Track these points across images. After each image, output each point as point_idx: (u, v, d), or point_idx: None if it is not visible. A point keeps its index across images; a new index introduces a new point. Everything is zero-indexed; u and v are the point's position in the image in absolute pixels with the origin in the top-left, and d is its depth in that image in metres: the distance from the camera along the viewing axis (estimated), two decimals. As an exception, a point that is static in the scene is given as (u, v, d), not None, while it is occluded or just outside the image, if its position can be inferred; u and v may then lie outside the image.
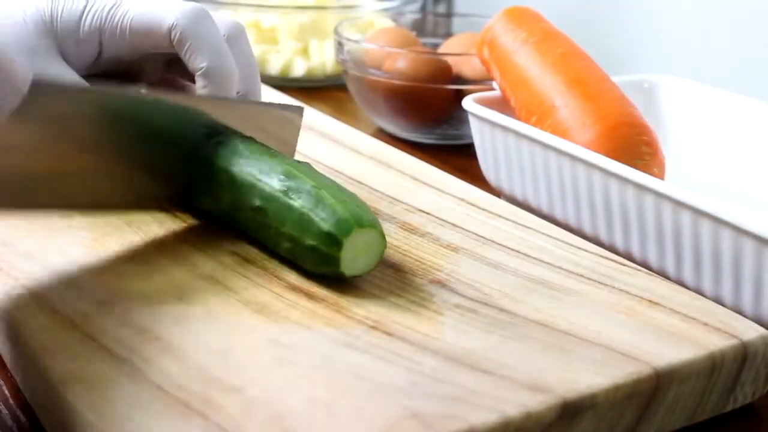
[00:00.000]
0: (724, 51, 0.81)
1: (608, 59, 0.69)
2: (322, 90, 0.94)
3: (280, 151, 0.49)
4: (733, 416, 0.42)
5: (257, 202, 0.45)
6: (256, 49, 0.94)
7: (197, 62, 0.49)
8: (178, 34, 0.49)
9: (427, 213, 0.53)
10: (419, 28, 0.94)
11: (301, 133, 0.54)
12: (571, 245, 0.50)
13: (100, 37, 0.49)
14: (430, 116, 0.77)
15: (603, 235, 0.55)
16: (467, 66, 0.76)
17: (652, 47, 0.86)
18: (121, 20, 0.49)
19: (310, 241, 0.43)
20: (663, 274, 0.51)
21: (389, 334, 0.40)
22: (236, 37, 0.52)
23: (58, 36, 0.49)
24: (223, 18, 0.52)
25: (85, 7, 0.49)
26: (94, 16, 0.49)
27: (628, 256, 0.53)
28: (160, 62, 0.55)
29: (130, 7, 0.49)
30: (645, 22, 0.88)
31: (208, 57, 0.49)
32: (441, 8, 1.14)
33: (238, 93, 0.52)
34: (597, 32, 0.88)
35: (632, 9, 0.89)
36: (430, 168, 0.61)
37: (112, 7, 0.49)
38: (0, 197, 0.42)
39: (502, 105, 0.65)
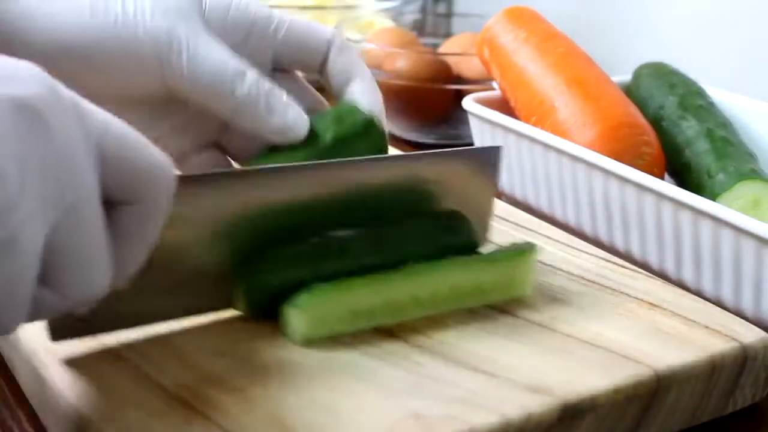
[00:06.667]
0: (724, 51, 0.81)
1: (608, 59, 0.69)
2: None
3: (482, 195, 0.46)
4: (732, 419, 0.42)
5: None
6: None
7: (351, 81, 0.46)
8: (335, 45, 0.46)
9: (428, 213, 0.53)
10: (419, 28, 0.94)
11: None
12: (572, 247, 0.50)
13: (247, 35, 0.44)
14: (430, 116, 0.77)
15: (603, 235, 0.55)
16: (467, 66, 0.76)
17: (652, 47, 0.86)
18: (276, 25, 0.45)
19: None
20: (663, 275, 0.51)
21: (390, 335, 0.40)
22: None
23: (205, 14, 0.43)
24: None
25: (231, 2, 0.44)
26: (241, 10, 0.44)
27: (629, 256, 0.53)
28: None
29: (285, 17, 0.45)
30: (645, 23, 0.88)
31: (365, 74, 0.46)
32: (441, 8, 1.13)
33: None
34: (597, 32, 0.88)
35: (632, 9, 0.89)
36: (430, 168, 0.60)
37: (265, 14, 0.45)
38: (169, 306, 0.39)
39: (502, 105, 0.65)
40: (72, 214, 0.29)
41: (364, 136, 0.44)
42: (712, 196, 0.53)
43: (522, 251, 0.44)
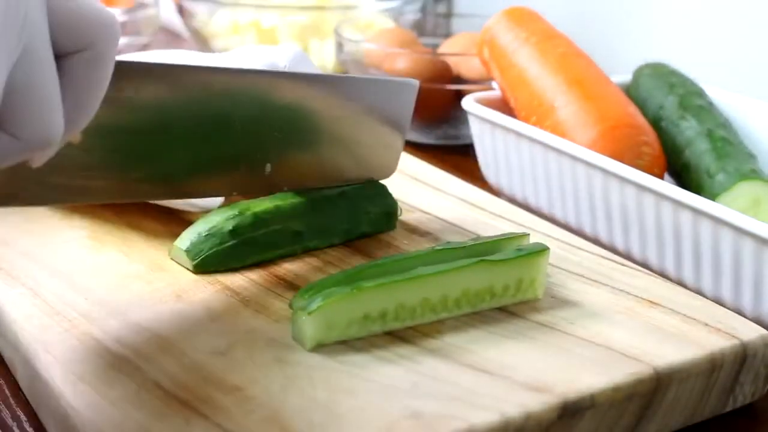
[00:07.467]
0: (724, 51, 0.81)
1: (608, 59, 0.69)
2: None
3: (393, 130, 0.50)
4: (732, 416, 0.42)
5: None
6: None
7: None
8: None
9: (427, 213, 0.53)
10: (419, 28, 0.94)
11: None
12: (571, 245, 0.50)
13: None
14: (430, 116, 0.77)
15: (603, 235, 0.55)
16: (467, 66, 0.76)
17: (652, 47, 0.86)
18: None
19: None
20: (663, 275, 0.51)
21: (389, 334, 0.40)
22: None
23: None
24: None
25: None
26: None
27: (628, 256, 0.53)
28: None
29: None
30: (645, 23, 0.88)
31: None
32: (441, 8, 1.13)
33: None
34: (597, 32, 0.88)
35: (632, 9, 0.89)
36: (430, 168, 0.61)
37: None
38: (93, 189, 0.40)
39: (502, 105, 0.65)
40: (26, 55, 0.31)
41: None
42: (712, 196, 0.54)
43: (533, 253, 0.43)
